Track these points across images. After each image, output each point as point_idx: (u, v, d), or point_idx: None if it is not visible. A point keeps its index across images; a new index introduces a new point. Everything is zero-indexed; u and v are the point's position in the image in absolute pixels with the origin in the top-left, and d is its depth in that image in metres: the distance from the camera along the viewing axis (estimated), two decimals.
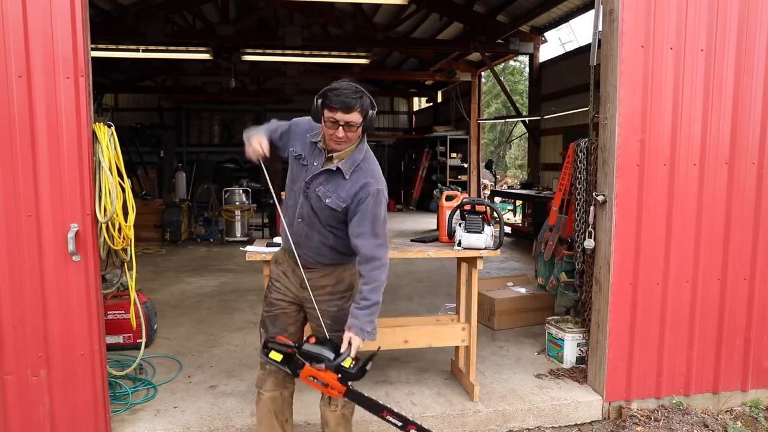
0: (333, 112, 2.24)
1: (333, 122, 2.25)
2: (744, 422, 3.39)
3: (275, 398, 2.57)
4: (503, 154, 22.69)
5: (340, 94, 2.23)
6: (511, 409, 3.33)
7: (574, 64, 9.68)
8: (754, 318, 3.50)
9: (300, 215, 2.44)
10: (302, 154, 2.45)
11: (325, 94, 2.27)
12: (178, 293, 6.11)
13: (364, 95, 2.29)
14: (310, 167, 2.42)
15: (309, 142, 2.45)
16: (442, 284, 6.49)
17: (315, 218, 2.42)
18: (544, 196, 8.59)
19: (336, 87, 2.26)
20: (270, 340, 2.40)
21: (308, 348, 2.30)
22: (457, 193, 3.66)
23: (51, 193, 2.71)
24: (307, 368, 2.28)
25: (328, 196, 2.36)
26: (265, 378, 2.56)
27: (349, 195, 2.35)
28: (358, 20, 10.75)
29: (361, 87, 2.30)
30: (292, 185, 2.49)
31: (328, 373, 2.27)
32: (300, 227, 2.45)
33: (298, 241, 2.45)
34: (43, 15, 2.65)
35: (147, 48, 9.70)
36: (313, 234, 2.43)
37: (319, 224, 2.42)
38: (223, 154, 16.17)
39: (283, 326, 2.55)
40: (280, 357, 2.34)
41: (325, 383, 2.29)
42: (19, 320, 2.75)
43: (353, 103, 2.23)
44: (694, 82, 3.28)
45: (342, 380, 2.28)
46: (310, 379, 2.30)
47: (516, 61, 20.63)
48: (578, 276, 3.93)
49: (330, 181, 2.37)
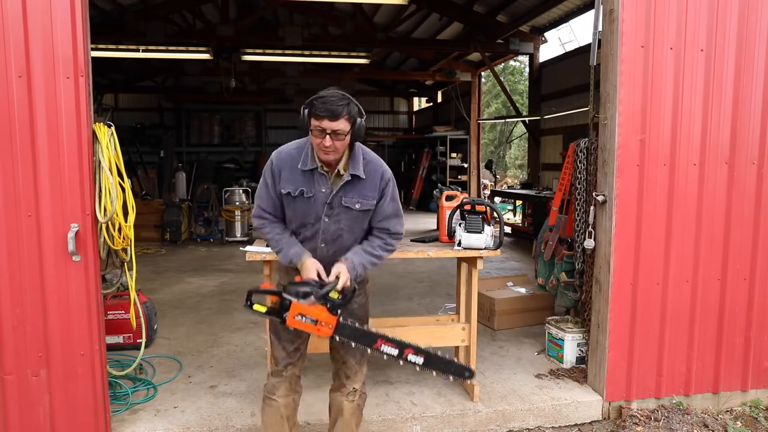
0: (319, 121, 2.22)
1: (320, 131, 2.23)
2: (744, 422, 3.39)
3: (288, 404, 2.56)
4: (503, 154, 22.69)
5: (325, 101, 2.21)
6: (511, 409, 3.33)
7: (574, 64, 9.68)
8: (754, 318, 3.50)
9: (324, 240, 2.44)
10: (302, 188, 2.38)
11: (311, 103, 2.26)
12: (178, 293, 6.12)
13: (351, 102, 2.27)
14: (317, 195, 2.38)
15: (301, 172, 2.38)
16: (442, 284, 6.49)
17: (343, 234, 2.44)
18: (544, 196, 8.59)
19: (322, 95, 2.24)
20: (253, 291, 2.32)
21: (293, 285, 2.27)
22: (457, 193, 3.66)
23: (51, 193, 2.71)
24: (294, 305, 2.23)
25: (357, 202, 2.39)
26: (279, 385, 2.53)
27: (374, 190, 2.42)
28: (358, 20, 10.75)
29: (348, 95, 2.28)
30: (304, 219, 2.43)
31: (317, 306, 2.23)
32: (324, 251, 2.45)
33: (327, 258, 2.44)
34: (43, 15, 2.65)
35: (147, 48, 9.69)
36: (341, 252, 2.45)
37: (347, 239, 2.45)
38: (223, 154, 16.17)
39: (296, 332, 2.49)
40: (264, 308, 2.31)
41: (314, 320, 2.24)
42: (19, 320, 2.75)
43: (339, 111, 2.21)
44: (694, 82, 3.28)
45: (331, 310, 2.24)
46: (299, 319, 2.24)
47: (516, 61, 20.64)
48: (578, 276, 3.93)
49: (351, 190, 2.39)
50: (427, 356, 2.38)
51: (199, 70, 13.46)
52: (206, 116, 16.60)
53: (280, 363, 2.55)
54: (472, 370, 2.55)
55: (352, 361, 2.58)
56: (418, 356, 2.36)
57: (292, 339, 2.52)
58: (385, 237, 2.50)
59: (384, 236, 2.50)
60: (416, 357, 2.36)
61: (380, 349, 2.35)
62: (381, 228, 2.50)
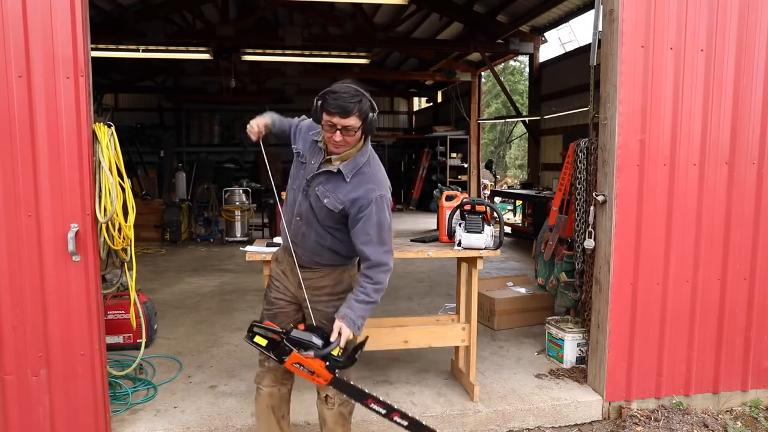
0: (331, 116, 2.21)
1: (331, 126, 2.23)
2: (744, 422, 3.39)
3: (273, 393, 2.60)
4: (503, 154, 22.69)
5: (338, 98, 2.19)
6: (511, 409, 3.33)
7: (574, 64, 9.68)
8: (754, 318, 3.50)
9: (298, 213, 2.43)
10: (302, 151, 2.46)
11: (324, 96, 2.23)
12: (178, 293, 6.11)
13: (364, 98, 2.24)
14: (308, 165, 2.41)
15: (311, 140, 2.45)
16: (442, 284, 6.50)
17: (313, 217, 2.40)
18: (544, 196, 8.59)
19: (335, 90, 2.22)
20: (256, 324, 2.35)
21: (297, 334, 2.27)
22: (457, 193, 3.66)
23: (51, 193, 2.71)
24: (294, 355, 2.24)
25: (326, 196, 2.34)
26: (264, 374, 2.60)
27: (348, 198, 2.31)
28: (358, 20, 10.75)
29: (361, 89, 2.25)
30: (292, 183, 2.49)
31: (316, 360, 2.24)
32: (298, 225, 2.44)
33: (296, 240, 2.45)
34: (43, 15, 2.65)
35: (147, 48, 9.70)
36: (311, 233, 2.42)
37: (316, 224, 2.40)
38: (223, 154, 16.17)
39: (281, 325, 2.51)
40: (265, 342, 2.32)
41: (311, 371, 2.26)
42: (19, 320, 2.75)
43: (351, 108, 2.18)
44: (694, 82, 3.28)
45: (329, 368, 2.26)
46: (296, 366, 2.26)
47: (516, 61, 20.64)
48: (578, 276, 3.93)
49: (330, 182, 2.35)
50: (411, 422, 2.40)
51: (199, 70, 13.47)
52: (206, 116, 16.61)
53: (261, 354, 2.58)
54: None
55: None
56: (403, 420, 2.40)
57: None
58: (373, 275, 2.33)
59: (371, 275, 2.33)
60: (402, 420, 2.40)
61: (370, 407, 2.37)
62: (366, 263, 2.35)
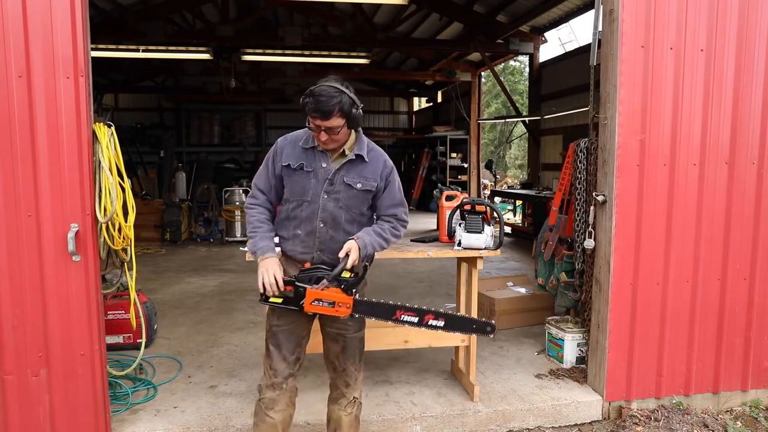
0: (313, 119, 2.26)
1: (315, 127, 2.28)
2: (744, 422, 3.39)
3: (285, 419, 2.47)
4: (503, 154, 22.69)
5: (317, 101, 2.22)
6: (511, 409, 3.33)
7: (574, 64, 9.68)
8: (754, 318, 3.50)
9: (322, 220, 2.41)
10: (302, 162, 2.41)
11: (305, 98, 2.27)
12: (178, 293, 6.11)
13: (343, 96, 2.24)
14: (318, 170, 2.40)
15: (302, 149, 2.42)
16: (442, 284, 6.50)
17: (341, 214, 2.41)
18: (544, 196, 8.59)
19: (315, 92, 2.23)
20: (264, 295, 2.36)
21: (304, 272, 2.32)
22: (457, 193, 3.66)
23: (51, 193, 2.71)
24: (310, 292, 2.27)
25: (358, 182, 2.41)
26: (279, 399, 2.43)
27: (376, 174, 2.44)
28: (358, 20, 10.75)
29: (341, 86, 2.26)
30: (303, 196, 2.42)
31: (332, 289, 2.27)
32: (323, 232, 2.42)
33: (323, 247, 2.43)
34: (43, 15, 2.65)
35: (147, 48, 9.69)
36: (339, 234, 2.43)
37: (345, 220, 2.42)
38: (223, 154, 16.15)
39: (297, 339, 2.47)
40: (280, 300, 2.32)
41: (331, 302, 2.28)
42: (19, 320, 2.75)
43: (330, 110, 2.22)
44: (694, 82, 3.28)
45: (346, 290, 2.28)
46: (316, 304, 2.28)
47: (516, 61, 20.63)
48: (578, 276, 3.93)
49: (352, 170, 2.41)
50: (447, 319, 2.42)
51: (199, 70, 13.46)
52: (206, 116, 16.60)
53: (280, 375, 2.43)
54: (493, 324, 2.52)
55: (351, 368, 2.55)
56: (438, 320, 2.40)
57: (293, 348, 2.45)
58: (394, 222, 2.53)
59: (393, 221, 2.53)
60: (437, 321, 2.41)
61: (400, 319, 2.37)
62: (389, 215, 2.53)
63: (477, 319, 2.57)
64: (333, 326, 2.51)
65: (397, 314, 2.37)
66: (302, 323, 2.48)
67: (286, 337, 2.45)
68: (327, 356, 2.61)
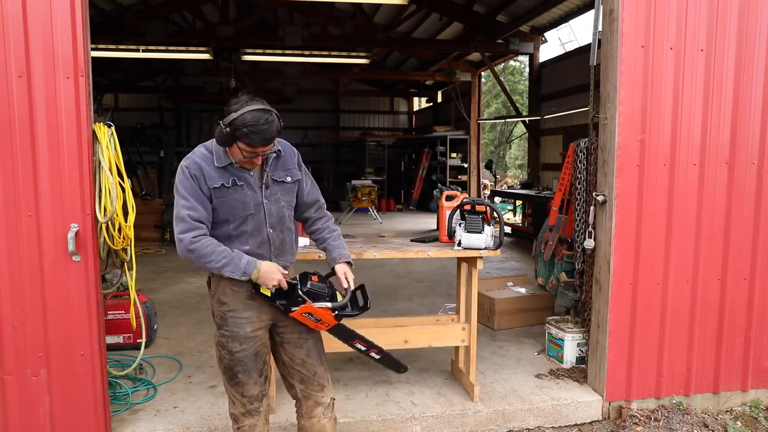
0: (254, 148, 2.18)
1: (251, 153, 2.21)
2: (744, 422, 3.39)
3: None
4: (503, 154, 22.70)
5: (258, 131, 2.13)
6: (511, 409, 3.33)
7: (574, 64, 9.69)
8: (754, 318, 3.50)
9: (271, 225, 2.36)
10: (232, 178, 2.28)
11: (242, 131, 2.13)
12: (178, 293, 6.11)
13: (276, 119, 2.20)
14: (248, 180, 2.31)
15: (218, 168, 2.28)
16: (442, 284, 6.49)
17: (284, 212, 2.41)
18: (544, 196, 8.59)
19: (250, 123, 2.12)
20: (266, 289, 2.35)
21: (313, 287, 2.32)
22: (457, 193, 3.66)
23: (51, 193, 2.71)
24: (309, 306, 2.28)
25: (287, 175, 2.42)
26: (257, 423, 2.38)
27: (294, 163, 2.47)
28: (358, 20, 10.76)
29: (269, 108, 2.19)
30: (244, 210, 2.31)
31: (326, 309, 2.31)
32: (275, 237, 2.39)
33: (278, 253, 2.40)
34: (43, 15, 2.65)
35: (147, 48, 9.70)
36: (285, 234, 2.44)
37: (287, 218, 2.44)
38: None
39: (263, 360, 2.40)
40: (268, 293, 2.30)
41: (318, 319, 2.33)
42: (19, 320, 2.75)
43: (274, 135, 2.22)
44: (694, 82, 3.28)
45: (337, 317, 2.36)
46: (305, 316, 2.31)
47: (516, 61, 20.65)
48: (578, 276, 3.93)
49: (277, 165, 2.41)
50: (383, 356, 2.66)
51: (199, 70, 13.47)
52: (206, 116, 16.59)
53: (255, 400, 2.36)
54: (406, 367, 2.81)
55: (320, 368, 2.46)
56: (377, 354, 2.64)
57: (261, 368, 2.38)
58: (328, 215, 2.61)
59: (327, 214, 2.60)
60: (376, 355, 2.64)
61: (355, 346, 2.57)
62: (314, 205, 2.56)
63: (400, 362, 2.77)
64: (294, 332, 2.42)
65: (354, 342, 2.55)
66: (266, 342, 2.42)
67: (252, 359, 2.35)
68: (291, 367, 2.45)
